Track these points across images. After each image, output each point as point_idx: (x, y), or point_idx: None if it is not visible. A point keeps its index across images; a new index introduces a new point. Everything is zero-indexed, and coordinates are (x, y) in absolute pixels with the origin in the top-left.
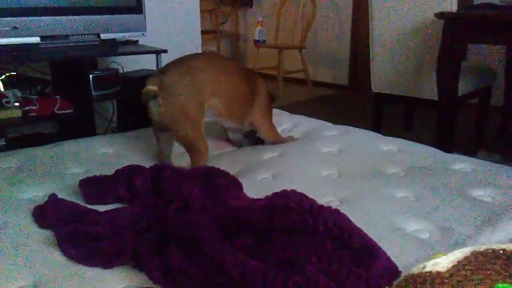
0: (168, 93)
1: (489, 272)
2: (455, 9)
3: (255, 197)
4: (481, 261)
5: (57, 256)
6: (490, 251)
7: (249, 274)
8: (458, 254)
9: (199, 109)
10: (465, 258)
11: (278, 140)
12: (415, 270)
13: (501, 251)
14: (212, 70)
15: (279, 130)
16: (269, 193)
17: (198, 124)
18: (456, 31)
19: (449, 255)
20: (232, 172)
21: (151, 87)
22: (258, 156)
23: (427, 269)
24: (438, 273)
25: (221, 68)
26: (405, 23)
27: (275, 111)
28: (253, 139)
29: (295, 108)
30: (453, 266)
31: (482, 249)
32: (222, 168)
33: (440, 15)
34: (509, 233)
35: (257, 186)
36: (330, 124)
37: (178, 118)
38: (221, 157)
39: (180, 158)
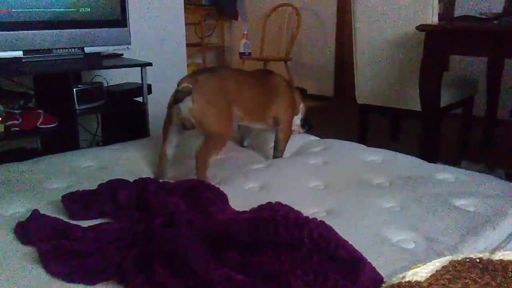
0: (201, 90)
1: (466, 280)
2: (436, 22)
3: (242, 207)
4: (459, 270)
5: (40, 273)
6: (468, 260)
7: None
8: (437, 264)
9: (227, 107)
10: (444, 267)
11: (283, 148)
12: (395, 280)
13: (478, 260)
14: (235, 82)
15: (267, 147)
16: (256, 204)
17: (228, 119)
18: (437, 43)
19: (428, 264)
20: (219, 180)
21: (187, 85)
22: (246, 166)
23: (407, 279)
24: (417, 282)
25: (241, 80)
26: (387, 35)
27: None
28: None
29: None
30: (431, 276)
31: (459, 259)
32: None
33: (421, 28)
34: (493, 242)
35: (244, 196)
36: (317, 138)
37: (208, 111)
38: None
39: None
